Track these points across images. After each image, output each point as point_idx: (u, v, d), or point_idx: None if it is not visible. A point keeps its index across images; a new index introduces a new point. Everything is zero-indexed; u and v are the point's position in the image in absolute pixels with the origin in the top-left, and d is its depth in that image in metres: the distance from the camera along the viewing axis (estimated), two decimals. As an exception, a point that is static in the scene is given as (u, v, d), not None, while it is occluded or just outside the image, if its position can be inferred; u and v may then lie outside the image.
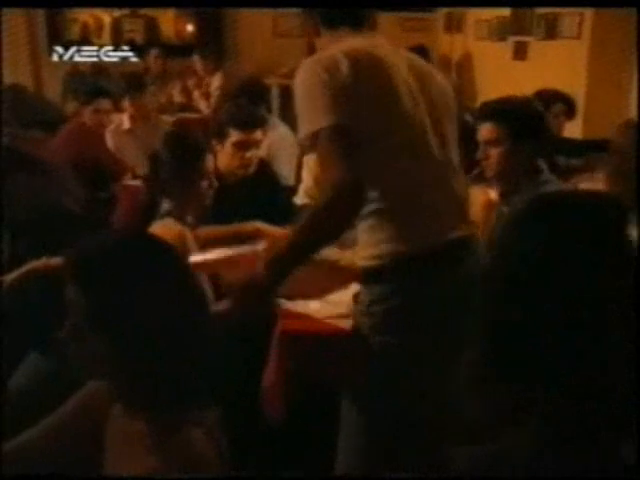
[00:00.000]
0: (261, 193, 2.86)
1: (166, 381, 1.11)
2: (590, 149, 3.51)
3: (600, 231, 0.89)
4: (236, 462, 1.20)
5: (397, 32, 6.56)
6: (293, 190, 3.35)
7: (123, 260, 1.12)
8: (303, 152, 3.54)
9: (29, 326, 1.94)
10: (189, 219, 2.27)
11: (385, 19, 6.56)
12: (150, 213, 2.24)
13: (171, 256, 1.19)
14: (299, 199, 3.21)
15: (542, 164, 2.30)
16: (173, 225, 2.18)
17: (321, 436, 2.11)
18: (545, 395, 0.89)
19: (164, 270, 1.14)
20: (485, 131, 2.28)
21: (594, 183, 2.68)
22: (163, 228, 2.16)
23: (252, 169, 2.88)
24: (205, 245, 2.25)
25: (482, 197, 2.46)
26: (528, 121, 2.26)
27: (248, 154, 2.82)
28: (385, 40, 1.75)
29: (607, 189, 2.18)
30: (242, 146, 2.80)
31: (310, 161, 3.24)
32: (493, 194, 2.46)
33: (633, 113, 4.04)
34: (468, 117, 3.43)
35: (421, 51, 5.83)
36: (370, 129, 1.57)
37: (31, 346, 2.11)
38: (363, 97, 1.56)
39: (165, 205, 2.24)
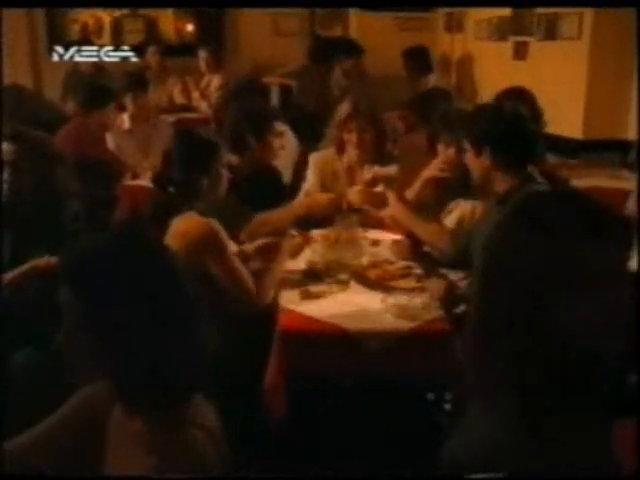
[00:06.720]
0: (264, 192, 2.87)
1: (163, 381, 1.11)
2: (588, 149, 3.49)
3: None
4: (236, 462, 1.20)
5: (397, 32, 6.54)
6: (291, 189, 3.34)
7: (114, 261, 1.10)
8: (306, 151, 3.54)
9: (29, 323, 1.93)
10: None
11: (385, 19, 6.56)
12: (163, 209, 2.24)
13: (164, 255, 1.18)
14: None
15: (534, 171, 2.25)
16: (198, 218, 2.17)
17: (321, 435, 2.11)
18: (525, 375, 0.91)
19: (157, 270, 1.13)
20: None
21: (595, 180, 2.68)
22: (189, 222, 2.15)
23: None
24: None
25: None
26: (501, 133, 2.19)
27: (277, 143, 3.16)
28: None
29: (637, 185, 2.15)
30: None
31: (316, 160, 3.22)
32: None
33: (633, 113, 4.04)
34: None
35: (421, 51, 5.81)
36: None
37: (31, 344, 2.10)
38: None
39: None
